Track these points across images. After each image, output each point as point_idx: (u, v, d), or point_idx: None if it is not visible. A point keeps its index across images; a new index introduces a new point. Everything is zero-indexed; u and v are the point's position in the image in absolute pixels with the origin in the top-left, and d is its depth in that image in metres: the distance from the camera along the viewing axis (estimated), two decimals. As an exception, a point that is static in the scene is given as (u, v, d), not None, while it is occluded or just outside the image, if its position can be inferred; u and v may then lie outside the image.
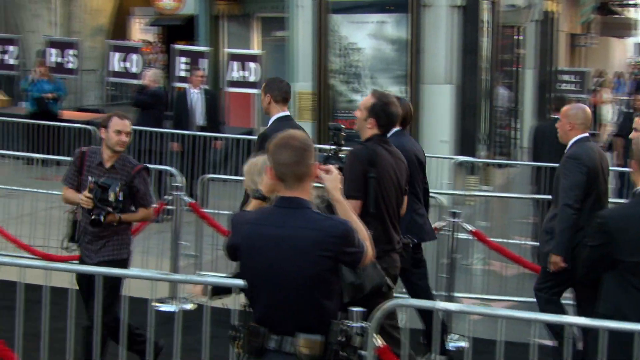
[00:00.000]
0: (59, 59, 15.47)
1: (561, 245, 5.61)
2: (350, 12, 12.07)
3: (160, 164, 10.37)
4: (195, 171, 10.62)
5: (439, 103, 11.85)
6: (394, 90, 11.90)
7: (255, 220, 3.41)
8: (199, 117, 11.16)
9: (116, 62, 15.32)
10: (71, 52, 15.53)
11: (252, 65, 14.27)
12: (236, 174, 10.94)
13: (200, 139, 11.01)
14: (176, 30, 19.37)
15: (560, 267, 5.59)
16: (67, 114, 14.44)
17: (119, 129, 5.29)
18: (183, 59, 14.68)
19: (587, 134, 5.94)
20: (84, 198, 5.15)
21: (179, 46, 15.17)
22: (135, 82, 13.82)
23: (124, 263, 5.41)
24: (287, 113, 6.52)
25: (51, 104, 13.48)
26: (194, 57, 14.68)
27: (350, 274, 4.41)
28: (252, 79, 14.30)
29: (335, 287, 3.42)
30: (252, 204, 3.60)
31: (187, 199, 7.67)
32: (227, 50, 14.93)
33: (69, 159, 8.29)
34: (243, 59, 14.41)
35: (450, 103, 12.02)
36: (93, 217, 5.13)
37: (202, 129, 11.11)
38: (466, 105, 12.21)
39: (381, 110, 4.98)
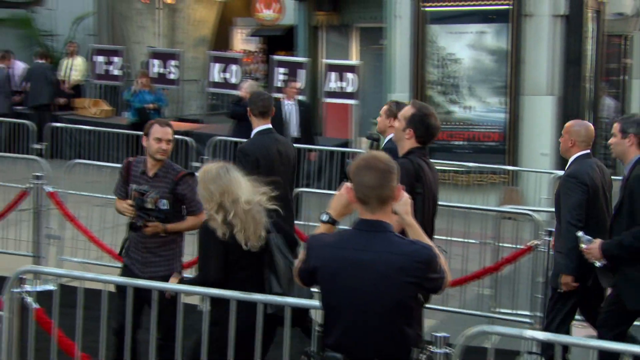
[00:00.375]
0: (161, 70, 15.85)
1: (570, 264, 5.51)
2: (449, 23, 11.89)
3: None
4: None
5: (539, 115, 11.54)
6: (494, 101, 11.69)
7: (336, 243, 3.32)
8: (293, 129, 11.13)
9: (216, 72, 15.61)
10: (173, 63, 15.88)
11: (349, 75, 14.25)
12: (329, 187, 10.94)
13: (300, 152, 11.04)
14: (277, 41, 19.56)
15: (572, 287, 5.50)
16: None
17: (159, 136, 5.20)
18: (281, 70, 14.81)
19: (588, 151, 5.89)
20: (125, 206, 5.16)
21: (278, 57, 15.32)
22: (233, 92, 13.96)
23: (167, 279, 5.19)
24: (268, 126, 6.59)
25: (152, 114, 13.54)
26: (293, 67, 14.76)
27: (276, 285, 4.69)
28: (349, 89, 14.28)
29: (416, 313, 3.33)
30: (322, 228, 3.49)
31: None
32: (325, 60, 14.96)
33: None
34: (341, 70, 14.39)
35: (552, 114, 11.68)
36: (134, 223, 5.13)
37: (296, 140, 11.00)
38: (568, 116, 11.75)
39: (420, 121, 4.86)
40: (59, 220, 8.25)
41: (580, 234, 5.41)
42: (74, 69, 16.75)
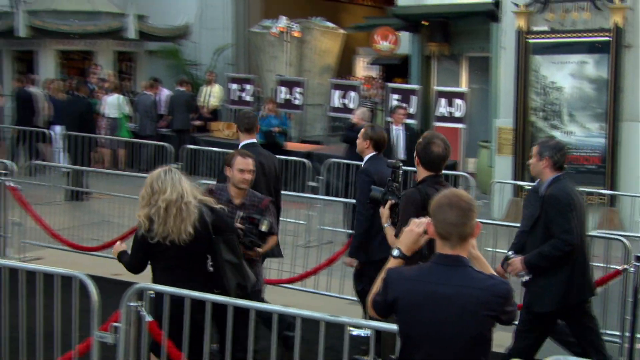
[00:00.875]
0: (287, 96, 16.26)
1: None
2: (551, 53, 11.68)
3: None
4: (397, 203, 10.65)
5: (637, 140, 11.16)
6: (593, 127, 11.43)
7: (416, 276, 3.24)
8: (401, 152, 11.14)
9: (336, 98, 15.86)
10: (298, 89, 16.28)
11: (458, 101, 14.25)
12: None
13: (406, 174, 11.03)
14: (394, 68, 19.68)
15: (515, 269, 5.40)
16: (291, 145, 14.91)
17: (242, 167, 5.22)
18: (395, 96, 14.91)
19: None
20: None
21: (392, 84, 15.44)
22: (350, 116, 14.18)
23: (258, 294, 5.29)
24: (253, 140, 6.72)
25: (278, 136, 14.01)
26: (406, 94, 14.86)
27: (236, 274, 4.94)
28: (458, 114, 14.26)
29: (490, 344, 3.25)
30: (393, 263, 3.41)
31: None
32: (436, 87, 14.96)
33: (289, 193, 8.66)
34: (450, 96, 14.42)
35: (650, 140, 11.28)
36: (246, 243, 5.10)
37: (403, 162, 11.05)
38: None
39: (422, 149, 4.92)
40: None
41: (510, 253, 5.46)
42: (212, 95, 17.38)
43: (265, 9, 24.03)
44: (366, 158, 6.44)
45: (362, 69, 23.95)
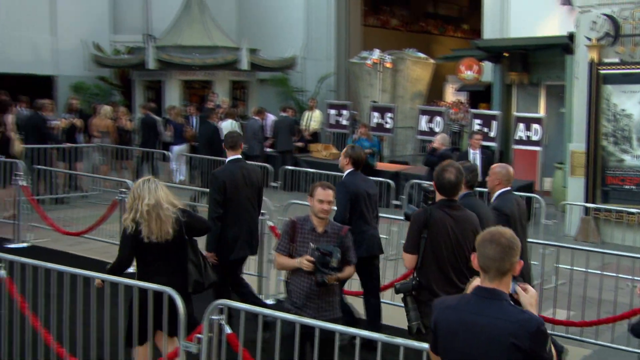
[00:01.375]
0: (379, 120, 16.52)
1: None
2: (621, 83, 11.58)
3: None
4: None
5: None
6: (663, 151, 11.25)
7: (456, 305, 3.22)
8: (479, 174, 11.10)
9: (424, 122, 16.01)
10: (389, 114, 16.51)
11: (535, 126, 14.19)
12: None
13: (482, 195, 10.75)
14: (480, 94, 19.61)
15: None
16: (381, 165, 15.11)
17: (322, 198, 5.08)
18: (478, 121, 14.97)
19: (509, 188, 6.19)
20: (305, 262, 4.93)
21: (474, 110, 15.47)
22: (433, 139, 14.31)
23: (338, 321, 5.12)
24: (238, 156, 6.92)
25: (369, 157, 14.07)
26: (487, 119, 14.90)
27: (196, 274, 5.18)
28: (535, 138, 14.22)
29: None
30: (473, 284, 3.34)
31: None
32: (515, 113, 14.91)
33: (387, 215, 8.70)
34: (528, 121, 14.36)
35: None
36: (318, 279, 4.93)
37: (480, 184, 11.06)
38: None
39: (437, 175, 5.06)
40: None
41: None
42: (312, 119, 17.81)
43: (364, 41, 24.39)
44: (345, 173, 6.72)
45: (451, 94, 23.88)
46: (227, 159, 6.95)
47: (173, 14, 20.39)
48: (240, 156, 7.01)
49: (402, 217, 5.90)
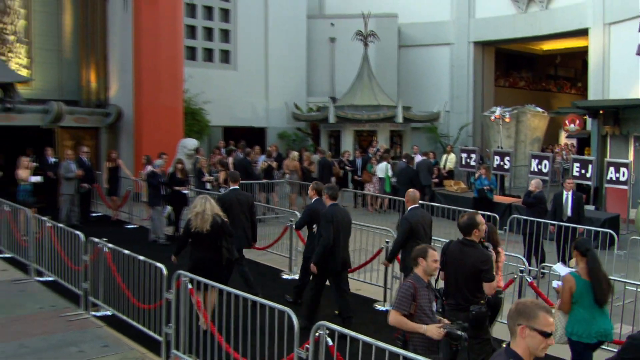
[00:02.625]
0: (500, 163, 17.13)
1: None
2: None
3: (537, 246, 10.29)
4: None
5: None
6: None
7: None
8: (569, 211, 10.73)
9: (534, 165, 16.36)
10: (507, 158, 16.95)
11: (623, 169, 14.40)
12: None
13: (568, 228, 10.35)
14: (585, 141, 19.56)
15: None
16: (497, 197, 14.87)
17: (435, 258, 4.62)
18: (577, 164, 15.32)
19: (417, 205, 7.10)
20: (436, 333, 4.35)
21: (574, 156, 15.72)
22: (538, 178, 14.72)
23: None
24: (236, 187, 7.96)
25: (487, 193, 14.11)
26: (584, 162, 15.21)
27: (227, 253, 6.42)
28: (623, 179, 14.40)
29: None
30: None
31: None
32: (607, 159, 15.14)
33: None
34: (618, 165, 14.56)
35: None
36: (453, 349, 4.47)
37: (569, 219, 10.65)
38: None
39: (459, 219, 5.29)
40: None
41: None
42: (448, 160, 18.61)
43: (496, 98, 25.15)
44: (313, 200, 7.51)
45: (564, 139, 23.71)
46: (229, 188, 8.06)
47: (350, 81, 22.21)
48: (238, 187, 8.07)
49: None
